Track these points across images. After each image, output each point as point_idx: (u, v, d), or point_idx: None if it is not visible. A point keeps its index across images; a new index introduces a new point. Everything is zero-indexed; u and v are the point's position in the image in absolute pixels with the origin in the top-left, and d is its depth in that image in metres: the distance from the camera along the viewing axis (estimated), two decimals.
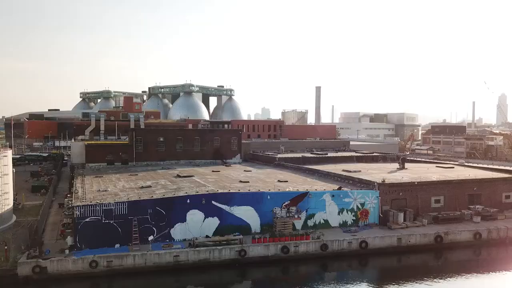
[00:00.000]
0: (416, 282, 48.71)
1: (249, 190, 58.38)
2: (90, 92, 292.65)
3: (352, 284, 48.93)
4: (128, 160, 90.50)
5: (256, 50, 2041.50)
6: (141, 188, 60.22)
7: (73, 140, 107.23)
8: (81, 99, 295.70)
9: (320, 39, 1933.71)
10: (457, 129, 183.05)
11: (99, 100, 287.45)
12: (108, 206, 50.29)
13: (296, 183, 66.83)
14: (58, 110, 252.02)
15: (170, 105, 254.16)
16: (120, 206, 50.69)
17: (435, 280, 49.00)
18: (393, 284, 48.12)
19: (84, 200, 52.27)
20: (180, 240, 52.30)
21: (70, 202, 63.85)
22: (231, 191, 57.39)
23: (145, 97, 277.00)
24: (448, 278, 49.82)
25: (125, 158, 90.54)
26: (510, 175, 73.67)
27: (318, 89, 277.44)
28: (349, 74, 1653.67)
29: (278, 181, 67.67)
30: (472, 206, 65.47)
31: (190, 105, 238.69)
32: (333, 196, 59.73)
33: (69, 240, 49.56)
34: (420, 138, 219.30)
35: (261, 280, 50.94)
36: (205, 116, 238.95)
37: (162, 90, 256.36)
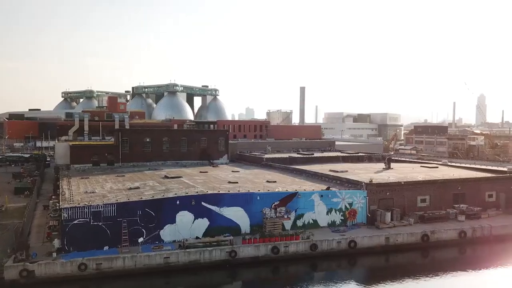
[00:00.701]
0: (403, 281, 49.60)
1: (238, 191, 58.39)
2: (72, 91, 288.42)
3: (341, 283, 49.37)
4: (114, 161, 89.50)
5: (240, 50, 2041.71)
6: (129, 189, 59.66)
7: (56, 141, 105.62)
8: (63, 98, 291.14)
9: (304, 39, 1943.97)
10: (439, 129, 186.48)
11: (81, 100, 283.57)
12: (97, 208, 49.64)
13: (285, 183, 67.12)
14: (39, 110, 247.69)
15: (154, 105, 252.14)
16: (109, 208, 50.10)
17: (422, 278, 49.85)
18: (382, 283, 48.71)
19: (71, 202, 51.48)
20: (170, 242, 51.96)
21: (55, 204, 63.07)
22: (220, 192, 57.32)
23: (128, 97, 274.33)
24: (435, 277, 50.61)
25: (111, 159, 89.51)
26: (492, 175, 75.47)
27: (302, 90, 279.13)
28: (333, 75, 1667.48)
29: (267, 181, 67.86)
30: (456, 205, 66.79)
31: (174, 105, 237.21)
32: (321, 196, 60.17)
33: (57, 242, 48.72)
34: (403, 138, 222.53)
35: (251, 280, 51.06)
36: (190, 116, 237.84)
37: (146, 90, 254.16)
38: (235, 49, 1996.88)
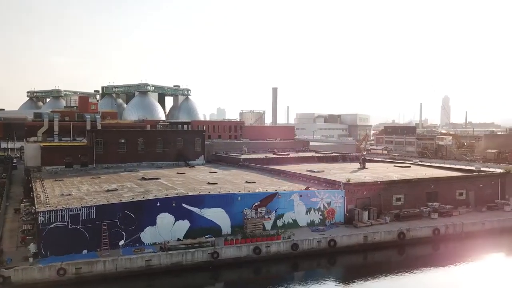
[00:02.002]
0: (381, 278, 50.79)
1: (219, 192, 58.30)
2: (38, 91, 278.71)
3: (321, 282, 50.02)
4: (88, 162, 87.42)
5: (211, 50, 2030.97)
6: (107, 191, 58.51)
7: (25, 142, 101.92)
8: (29, 98, 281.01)
9: (274, 40, 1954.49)
10: (408, 130, 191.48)
11: (48, 100, 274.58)
12: (75, 211, 48.43)
13: (264, 183, 67.48)
14: (3, 110, 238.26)
15: (125, 105, 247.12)
16: (88, 211, 48.99)
17: (398, 275, 51.38)
18: (360, 281, 49.88)
19: (48, 205, 50.02)
20: (150, 244, 51.31)
21: (28, 207, 61.17)
22: (201, 193, 57.06)
23: (98, 97, 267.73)
24: (410, 273, 52.10)
25: (84, 160, 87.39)
26: (462, 174, 78.41)
27: (274, 90, 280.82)
28: (303, 76, 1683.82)
29: (246, 182, 68.02)
30: (429, 204, 68.97)
31: (146, 105, 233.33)
32: (301, 196, 60.84)
33: (32, 247, 47.14)
34: (373, 138, 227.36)
35: (234, 281, 51.07)
36: (162, 116, 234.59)
37: (116, 89, 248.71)
38: (206, 49, 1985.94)
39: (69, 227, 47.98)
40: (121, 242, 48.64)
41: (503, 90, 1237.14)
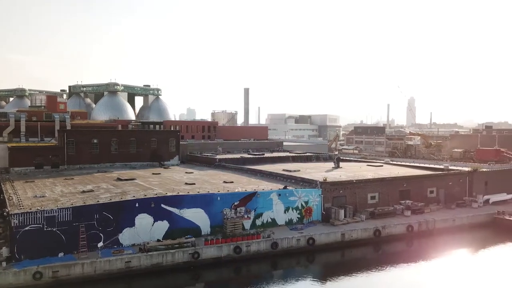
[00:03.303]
0: (358, 275, 51.79)
1: (198, 192, 58.00)
2: (1, 90, 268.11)
3: (300, 280, 50.52)
4: (59, 163, 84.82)
5: (180, 50, 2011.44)
6: (83, 192, 57.11)
7: None
8: None
9: (244, 40, 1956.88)
10: (377, 130, 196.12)
11: (11, 99, 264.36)
12: (51, 213, 47.05)
13: (242, 183, 67.58)
14: None
15: (93, 105, 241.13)
16: (64, 212, 47.70)
17: (374, 271, 52.52)
18: (337, 278, 50.93)
19: (21, 207, 48.34)
20: (129, 245, 50.50)
21: None
22: (180, 193, 56.59)
23: (64, 96, 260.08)
24: (386, 269, 53.50)
25: (55, 161, 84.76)
26: (433, 172, 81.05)
27: (246, 91, 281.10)
28: (273, 77, 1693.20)
29: (224, 182, 67.93)
30: (403, 201, 70.91)
31: (115, 105, 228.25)
32: (279, 195, 61.36)
33: (5, 251, 45.57)
34: (343, 138, 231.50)
35: (214, 281, 50.87)
36: (132, 116, 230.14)
37: (84, 89, 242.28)
38: (175, 48, 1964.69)
39: (45, 229, 46.60)
40: (100, 244, 47.64)
41: (465, 92, 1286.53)
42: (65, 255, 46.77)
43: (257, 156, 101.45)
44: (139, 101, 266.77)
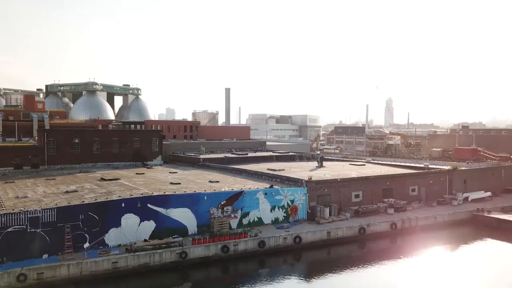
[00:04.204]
0: (343, 272, 52.49)
1: (185, 191, 57.71)
2: None
3: (286, 278, 50.77)
4: (39, 163, 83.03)
5: (159, 49, 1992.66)
6: (67, 192, 56.10)
7: None
8: None
9: (225, 40, 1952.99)
10: (358, 130, 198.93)
11: None
12: (34, 214, 46.07)
13: (228, 183, 67.54)
14: None
15: (71, 105, 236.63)
16: (48, 213, 46.76)
17: (359, 268, 53.39)
18: (323, 275, 51.55)
19: (3, 208, 47.15)
20: (115, 246, 49.88)
21: None
22: (166, 193, 56.19)
23: (41, 96, 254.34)
24: (371, 266, 54.26)
25: (35, 161, 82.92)
26: (414, 171, 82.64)
27: (227, 91, 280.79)
28: (254, 77, 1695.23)
29: (210, 181, 67.77)
30: (386, 200, 72.17)
31: (94, 105, 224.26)
32: (266, 194, 61.59)
33: None
34: (323, 138, 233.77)
35: (202, 281, 50.70)
36: (111, 116, 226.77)
37: (62, 88, 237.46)
38: (154, 48, 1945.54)
39: (28, 230, 45.60)
40: (86, 245, 46.92)
41: (441, 94, 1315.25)
42: (50, 256, 45.88)
43: (241, 156, 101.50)
44: (118, 100, 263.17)
